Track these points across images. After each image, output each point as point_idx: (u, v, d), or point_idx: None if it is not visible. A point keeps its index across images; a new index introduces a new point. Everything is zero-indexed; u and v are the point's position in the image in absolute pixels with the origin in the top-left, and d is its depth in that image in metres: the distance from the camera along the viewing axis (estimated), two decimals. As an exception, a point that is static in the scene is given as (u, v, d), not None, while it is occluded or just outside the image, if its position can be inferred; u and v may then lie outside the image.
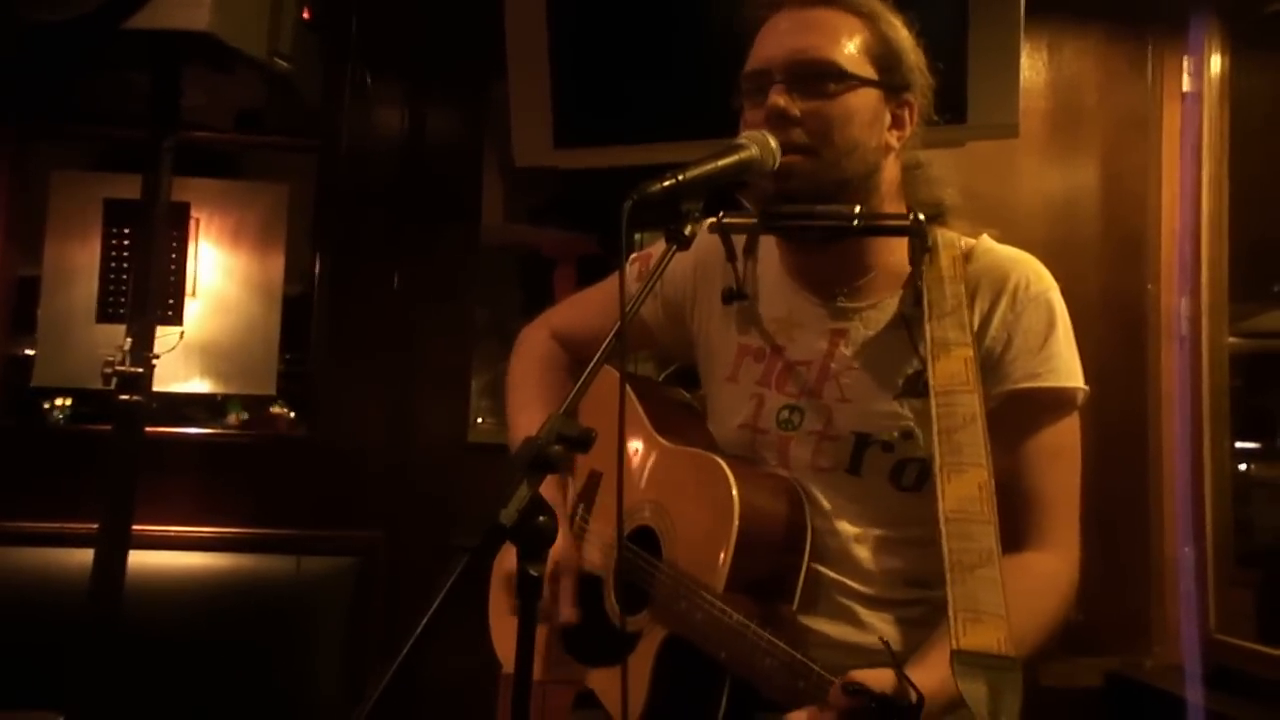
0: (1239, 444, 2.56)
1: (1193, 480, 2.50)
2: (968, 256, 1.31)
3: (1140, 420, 2.62)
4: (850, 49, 1.27)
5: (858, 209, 1.25)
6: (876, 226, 1.29)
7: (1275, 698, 2.19)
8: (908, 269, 1.29)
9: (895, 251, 1.31)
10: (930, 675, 1.04)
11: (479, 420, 2.86)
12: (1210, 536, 2.46)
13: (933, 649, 1.14)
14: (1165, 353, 2.62)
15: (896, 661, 1.01)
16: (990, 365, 1.25)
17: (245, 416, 2.95)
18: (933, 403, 1.18)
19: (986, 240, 1.35)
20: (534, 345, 1.65)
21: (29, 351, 2.77)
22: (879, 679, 1.03)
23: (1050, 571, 1.24)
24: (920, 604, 1.27)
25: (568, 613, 1.38)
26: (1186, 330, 2.56)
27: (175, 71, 1.89)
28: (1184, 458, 2.52)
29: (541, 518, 0.94)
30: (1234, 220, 2.52)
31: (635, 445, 1.44)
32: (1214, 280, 2.53)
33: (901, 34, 1.32)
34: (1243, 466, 2.60)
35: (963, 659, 0.98)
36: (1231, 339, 2.54)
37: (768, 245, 1.41)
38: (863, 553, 1.29)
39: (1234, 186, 2.52)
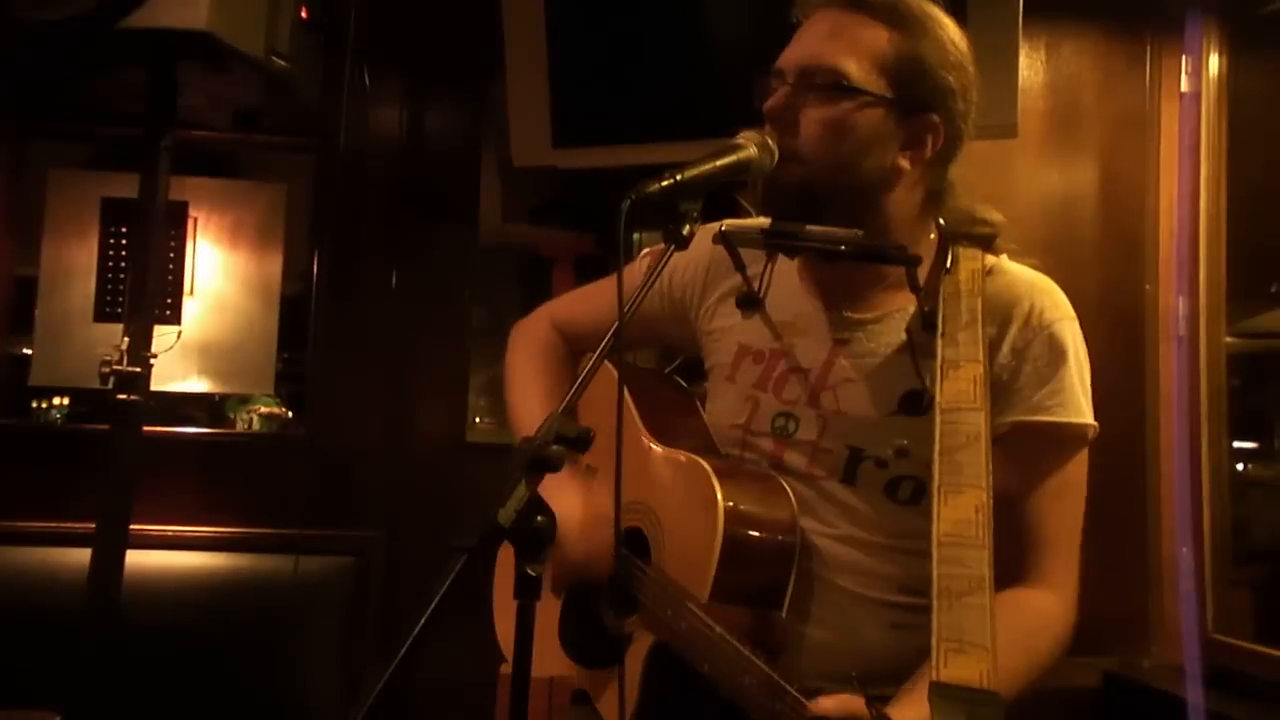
0: (1237, 444, 2.56)
1: (1191, 480, 2.49)
2: (989, 272, 1.28)
3: (1138, 420, 2.62)
4: (866, 61, 1.24)
5: (852, 233, 1.23)
6: (869, 254, 1.26)
7: (1273, 697, 2.19)
8: (921, 284, 1.27)
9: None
10: (909, 712, 1.02)
11: (477, 420, 2.86)
12: (1208, 536, 2.46)
13: (918, 683, 1.12)
14: (1163, 353, 2.61)
15: (867, 696, 0.99)
16: (998, 392, 1.22)
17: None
18: (937, 421, 1.16)
19: (1005, 261, 1.32)
20: (534, 335, 1.64)
21: (26, 351, 2.76)
22: (849, 707, 1.01)
23: (1045, 610, 1.22)
24: (915, 610, 1.25)
25: (606, 561, 1.35)
26: (1184, 330, 2.55)
27: (172, 70, 1.88)
28: (1182, 458, 2.52)
29: (540, 518, 0.94)
30: (1232, 220, 2.52)
31: (626, 444, 1.43)
32: (1212, 280, 2.52)
33: (941, 52, 1.26)
34: (1240, 466, 2.60)
35: (941, 692, 0.94)
36: (1229, 339, 2.53)
37: None
38: (857, 559, 1.27)
39: (1232, 187, 2.52)
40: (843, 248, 1.23)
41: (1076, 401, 1.25)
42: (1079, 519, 1.27)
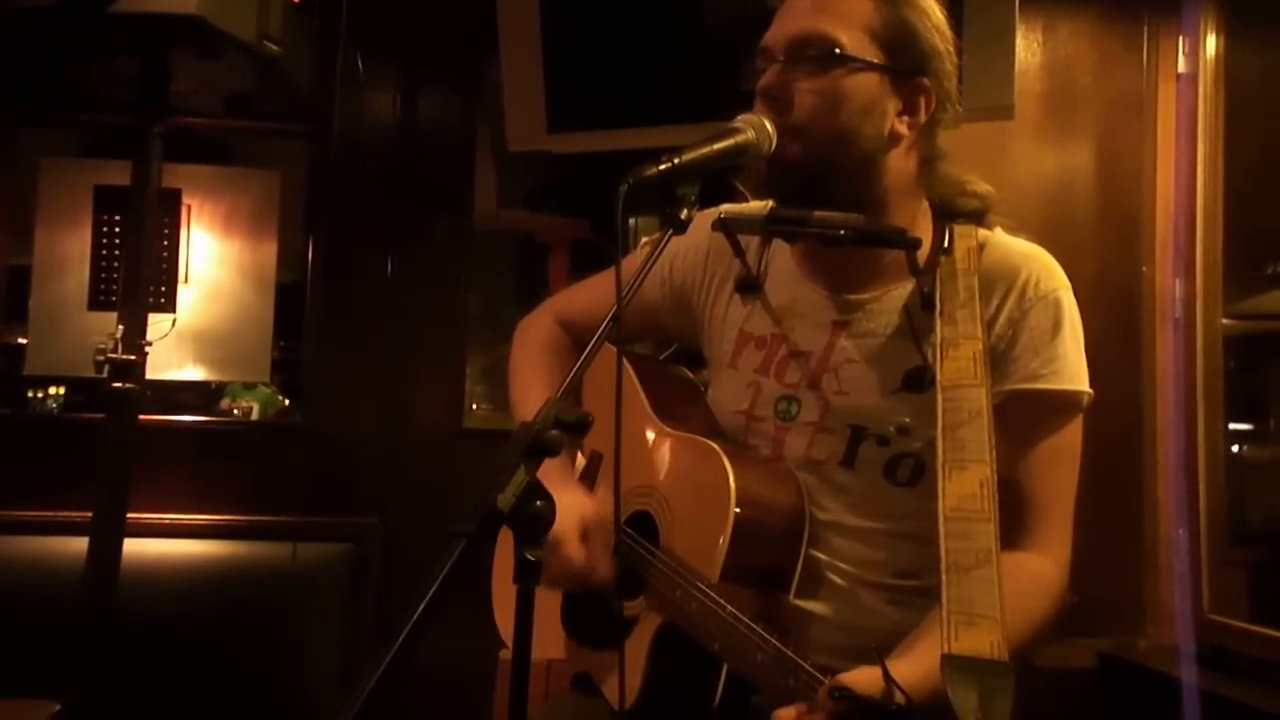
0: (1233, 425, 2.57)
1: (1186, 461, 2.50)
2: (982, 247, 1.29)
3: (1134, 402, 2.62)
4: (856, 29, 1.24)
5: (851, 217, 1.23)
6: (869, 237, 1.26)
7: (1269, 677, 2.21)
8: (919, 262, 1.27)
9: None
10: (913, 668, 1.03)
11: (474, 406, 2.86)
12: (1204, 517, 2.47)
13: (918, 641, 1.14)
14: (1160, 334, 2.62)
15: (885, 668, 0.99)
16: (995, 362, 1.23)
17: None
18: (939, 399, 1.17)
19: (1000, 234, 1.33)
20: (537, 331, 1.63)
21: (21, 340, 2.75)
22: (866, 680, 1.01)
23: (1042, 574, 1.24)
24: (913, 591, 1.27)
25: (604, 569, 1.34)
26: (1181, 312, 2.56)
27: (164, 56, 1.87)
28: (1178, 439, 2.53)
29: (539, 502, 0.94)
30: (1229, 202, 2.52)
31: (634, 429, 1.44)
32: (1208, 262, 2.52)
33: (925, 15, 1.27)
34: (1236, 448, 2.61)
35: (953, 664, 0.95)
36: (1226, 320, 2.54)
37: None
38: (854, 544, 1.29)
39: (1229, 168, 2.52)
40: (842, 232, 1.23)
41: (1072, 369, 1.26)
42: (1073, 484, 1.29)
